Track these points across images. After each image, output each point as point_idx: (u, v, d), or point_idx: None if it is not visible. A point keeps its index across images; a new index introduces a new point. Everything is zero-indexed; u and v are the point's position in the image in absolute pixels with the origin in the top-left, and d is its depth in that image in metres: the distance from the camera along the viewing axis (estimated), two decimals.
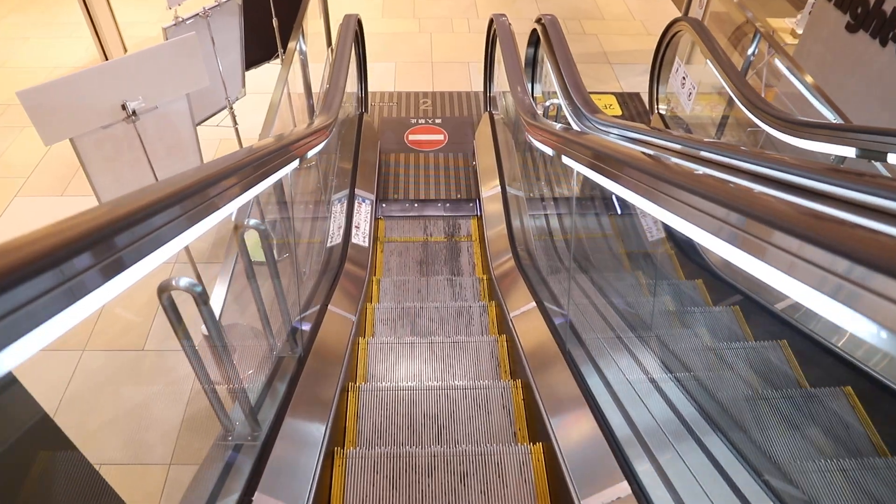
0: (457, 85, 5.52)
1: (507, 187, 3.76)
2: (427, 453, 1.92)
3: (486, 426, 2.11)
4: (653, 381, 1.78)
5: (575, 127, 3.06)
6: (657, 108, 4.71)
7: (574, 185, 2.21)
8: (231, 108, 3.31)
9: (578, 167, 1.78)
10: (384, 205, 4.17)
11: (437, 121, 5.03)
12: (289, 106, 4.34)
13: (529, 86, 4.15)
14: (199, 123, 3.31)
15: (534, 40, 4.42)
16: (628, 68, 5.86)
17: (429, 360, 2.54)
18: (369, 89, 4.71)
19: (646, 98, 5.42)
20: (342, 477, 1.86)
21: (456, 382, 2.25)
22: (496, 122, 4.41)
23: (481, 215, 3.85)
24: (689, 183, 0.93)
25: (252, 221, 1.81)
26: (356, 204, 3.71)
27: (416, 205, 4.19)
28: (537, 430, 2.01)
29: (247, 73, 3.99)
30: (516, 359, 2.43)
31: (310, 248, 3.50)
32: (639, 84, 5.59)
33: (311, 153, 2.36)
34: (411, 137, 4.84)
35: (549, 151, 2.37)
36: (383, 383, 2.31)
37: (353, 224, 3.57)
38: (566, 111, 3.25)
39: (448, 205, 4.20)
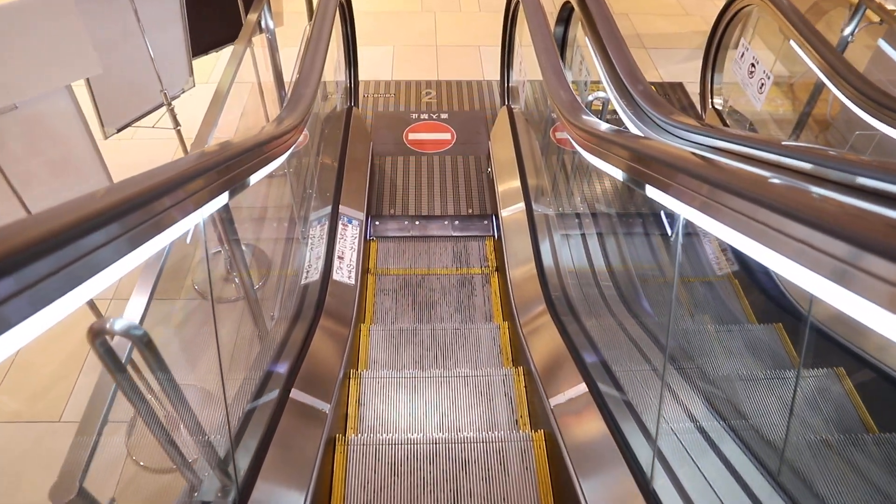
0: (466, 73, 4.68)
1: (534, 204, 2.94)
2: None
3: None
4: None
5: (634, 131, 2.23)
6: (711, 102, 3.87)
7: (674, 230, 1.38)
8: (169, 104, 2.48)
9: (704, 220, 0.96)
10: (377, 223, 3.35)
11: (443, 116, 4.19)
12: (260, 97, 3.52)
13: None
14: (125, 126, 2.49)
15: (564, 16, 3.57)
16: (667, 54, 5.00)
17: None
18: (360, 78, 3.87)
19: (691, 88, 4.59)
20: None
21: None
22: (516, 119, 3.58)
23: (500, 237, 3.03)
24: None
25: (118, 324, 0.99)
26: (340, 226, 2.89)
27: (417, 222, 3.37)
28: None
29: (205, 59, 3.16)
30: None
31: (276, 291, 2.70)
32: (681, 72, 4.75)
33: (256, 178, 1.54)
34: (411, 136, 4.00)
35: (614, 173, 1.55)
36: None
37: (336, 253, 2.76)
38: (619, 109, 2.41)
39: (457, 222, 3.38)
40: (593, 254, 2.57)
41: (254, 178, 1.55)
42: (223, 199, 1.30)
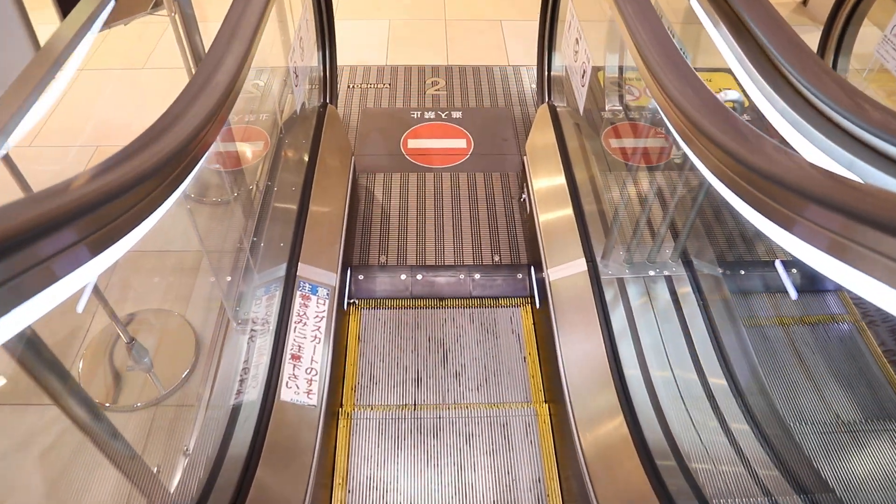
0: (485, 56, 3.59)
1: (602, 263, 1.86)
2: None
3: None
4: None
5: (814, 158, 1.15)
6: None
7: None
8: None
9: None
10: (360, 277, 2.28)
11: (456, 115, 3.10)
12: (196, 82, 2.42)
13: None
14: None
15: None
16: None
17: None
18: (340, 63, 2.77)
19: None
20: None
21: None
22: (563, 122, 2.49)
23: (549, 302, 1.96)
24: None
25: None
26: (298, 300, 1.83)
27: (419, 276, 2.30)
28: None
29: (109, 33, 2.08)
30: None
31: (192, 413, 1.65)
32: None
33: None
34: (412, 144, 2.92)
35: None
36: None
37: (287, 351, 1.70)
38: (774, 115, 1.33)
39: (478, 276, 2.31)
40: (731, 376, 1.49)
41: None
42: None
